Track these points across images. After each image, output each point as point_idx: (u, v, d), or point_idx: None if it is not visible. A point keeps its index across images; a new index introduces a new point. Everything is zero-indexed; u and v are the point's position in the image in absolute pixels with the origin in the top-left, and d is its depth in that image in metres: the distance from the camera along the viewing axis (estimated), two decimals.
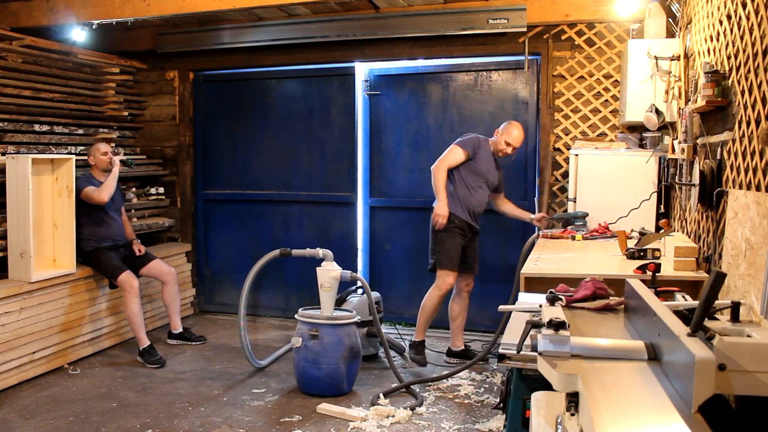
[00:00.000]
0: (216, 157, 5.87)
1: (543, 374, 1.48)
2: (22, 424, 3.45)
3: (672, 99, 3.90)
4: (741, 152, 2.57)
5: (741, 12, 2.64)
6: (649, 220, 4.14)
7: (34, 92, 4.74)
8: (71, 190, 4.39)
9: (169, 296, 4.83)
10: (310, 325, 3.85)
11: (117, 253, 4.62)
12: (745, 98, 2.53)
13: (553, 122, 4.89)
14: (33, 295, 4.11)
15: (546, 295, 2.05)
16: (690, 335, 1.33)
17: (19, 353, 3.99)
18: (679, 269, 3.03)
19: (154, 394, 3.90)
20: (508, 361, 2.08)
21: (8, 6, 4.97)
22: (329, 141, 5.54)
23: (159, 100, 5.88)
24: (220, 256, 5.92)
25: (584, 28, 4.75)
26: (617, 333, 1.83)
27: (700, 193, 3.12)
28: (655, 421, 1.19)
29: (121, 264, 4.53)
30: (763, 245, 2.18)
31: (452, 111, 5.22)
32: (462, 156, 4.25)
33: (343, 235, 5.53)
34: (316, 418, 3.56)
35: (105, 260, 4.52)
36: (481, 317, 5.07)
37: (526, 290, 2.94)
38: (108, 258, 4.53)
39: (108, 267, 4.51)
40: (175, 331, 4.89)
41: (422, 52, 5.16)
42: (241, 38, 5.37)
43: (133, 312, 4.44)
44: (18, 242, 4.12)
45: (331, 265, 4.05)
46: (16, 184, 4.12)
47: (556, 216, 4.61)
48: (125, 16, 4.73)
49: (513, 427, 2.23)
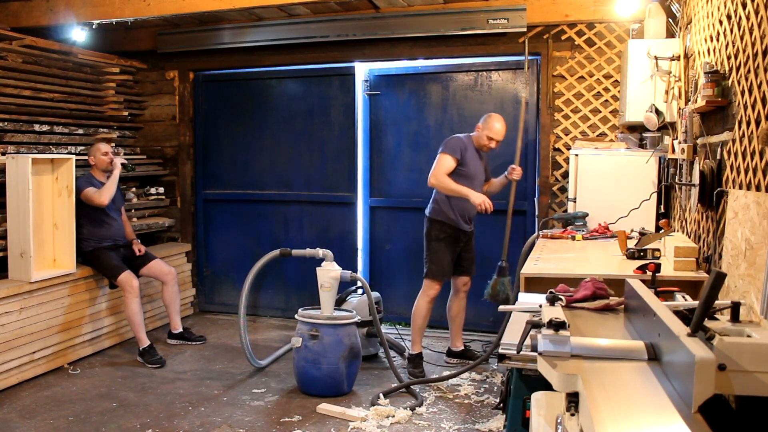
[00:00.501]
0: (216, 157, 5.87)
1: (543, 374, 1.48)
2: (22, 424, 3.45)
3: (672, 99, 3.90)
4: (741, 152, 2.57)
5: (741, 12, 2.64)
6: (649, 220, 4.14)
7: (34, 92, 4.73)
8: (71, 190, 4.39)
9: (169, 296, 4.83)
10: (310, 325, 3.85)
11: (117, 253, 4.62)
12: (745, 98, 2.53)
13: (553, 122, 4.89)
14: (33, 295, 4.11)
15: (546, 295, 2.05)
16: (690, 335, 1.33)
17: (19, 353, 4.00)
18: (679, 269, 3.03)
19: (154, 394, 3.90)
20: (508, 361, 2.08)
21: (8, 6, 4.97)
22: (329, 141, 5.54)
23: (159, 100, 5.88)
24: (220, 256, 5.92)
25: (584, 28, 4.75)
26: (617, 333, 1.83)
27: (700, 193, 3.12)
28: (655, 421, 1.19)
29: (121, 264, 4.53)
30: (763, 245, 2.18)
31: (452, 111, 5.22)
32: (453, 163, 4.16)
33: (343, 235, 5.53)
34: (316, 418, 3.56)
35: (105, 260, 4.52)
36: (481, 317, 5.07)
37: (526, 290, 2.94)
38: (108, 258, 4.53)
39: (108, 267, 4.51)
40: (175, 331, 4.89)
41: (422, 52, 5.16)
42: (241, 38, 5.37)
43: (133, 312, 4.44)
44: (18, 242, 4.12)
45: (331, 265, 4.05)
46: (16, 184, 4.12)
47: (556, 216, 4.61)
48: (125, 16, 4.73)
49: (513, 427, 2.23)
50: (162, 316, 5.26)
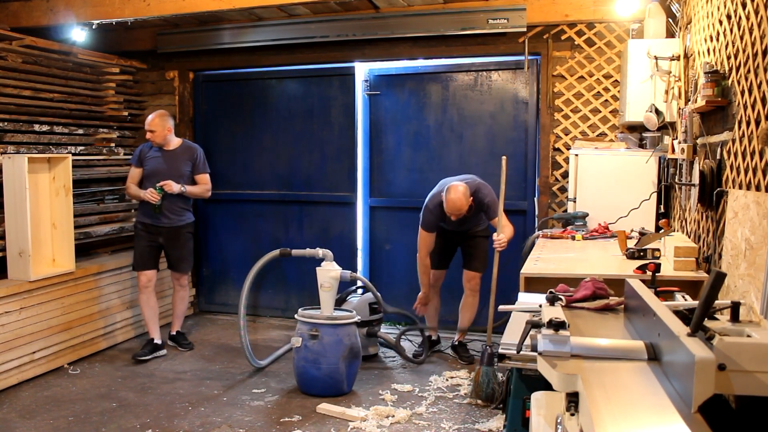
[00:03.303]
0: (216, 157, 5.85)
1: (543, 374, 1.48)
2: (22, 424, 3.45)
3: (672, 99, 3.91)
4: (741, 152, 2.57)
5: (741, 12, 2.64)
6: (649, 220, 4.14)
7: (34, 92, 4.73)
8: (68, 189, 4.39)
9: (177, 299, 4.85)
10: (310, 325, 3.85)
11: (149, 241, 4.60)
12: (745, 98, 2.53)
13: (553, 122, 4.89)
14: (32, 294, 4.11)
15: (546, 295, 2.05)
16: (690, 335, 1.33)
17: (19, 353, 3.99)
18: (679, 269, 3.03)
19: (154, 394, 3.90)
20: (508, 361, 2.09)
21: (8, 6, 4.97)
22: (329, 141, 5.54)
23: (159, 100, 5.88)
24: (220, 256, 5.92)
25: (584, 28, 4.75)
26: (617, 333, 1.83)
27: (700, 193, 3.12)
28: (655, 421, 1.19)
29: (146, 261, 4.58)
30: (763, 245, 2.18)
31: (452, 111, 5.22)
32: (432, 237, 4.34)
33: (343, 235, 5.53)
34: (316, 418, 3.56)
35: (136, 247, 4.64)
36: (481, 317, 5.06)
37: (526, 290, 2.95)
38: (139, 246, 4.62)
39: (135, 254, 4.63)
40: (171, 332, 4.88)
41: (422, 52, 5.16)
42: (241, 38, 5.37)
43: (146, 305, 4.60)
44: (16, 241, 4.12)
45: (331, 265, 4.05)
46: (13, 184, 4.12)
47: (556, 216, 4.62)
48: (125, 16, 4.73)
49: (513, 427, 2.23)
50: (166, 315, 5.24)
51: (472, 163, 5.13)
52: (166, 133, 4.59)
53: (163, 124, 4.56)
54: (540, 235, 4.22)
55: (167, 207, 4.52)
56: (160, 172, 4.53)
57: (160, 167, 4.55)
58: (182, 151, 4.64)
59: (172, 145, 4.65)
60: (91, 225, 4.95)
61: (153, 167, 4.56)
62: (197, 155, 4.66)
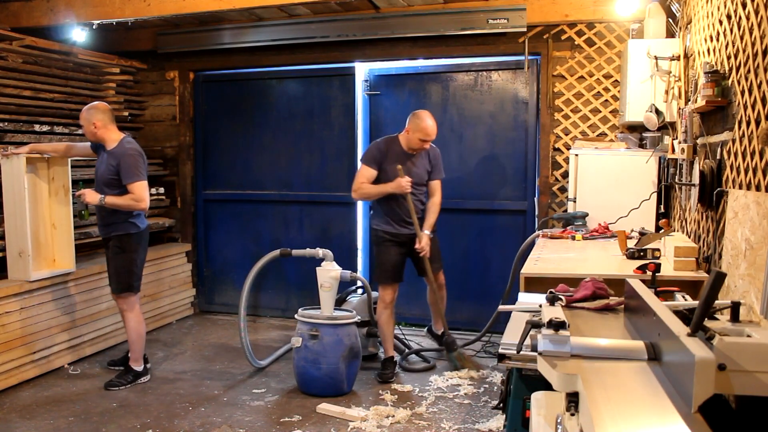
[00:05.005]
0: (216, 158, 5.87)
1: (543, 374, 1.48)
2: (22, 424, 3.45)
3: (672, 99, 3.91)
4: (741, 152, 2.57)
5: (741, 12, 2.64)
6: (649, 220, 4.14)
7: (34, 92, 4.73)
8: (67, 189, 4.39)
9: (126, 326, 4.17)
10: (310, 325, 3.85)
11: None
12: (745, 98, 2.53)
13: (553, 122, 4.89)
14: (33, 294, 4.11)
15: (546, 295, 2.05)
16: (690, 335, 1.33)
17: (19, 353, 3.99)
18: (679, 269, 3.03)
19: (154, 394, 3.90)
20: (508, 361, 2.08)
21: (8, 6, 4.98)
22: (329, 141, 5.54)
23: (159, 100, 5.88)
24: (220, 256, 5.92)
25: (584, 28, 4.75)
26: (617, 333, 1.83)
27: (700, 193, 3.12)
28: (655, 421, 1.19)
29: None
30: (763, 245, 2.18)
31: (452, 111, 5.22)
32: (373, 172, 4.06)
33: (343, 235, 5.53)
34: (316, 418, 3.56)
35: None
36: (482, 317, 5.06)
37: (526, 290, 2.94)
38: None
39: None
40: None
41: (422, 52, 5.16)
42: (241, 38, 5.38)
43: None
44: (16, 242, 4.12)
45: (331, 265, 4.05)
46: (12, 184, 4.12)
47: (556, 216, 4.62)
48: (125, 16, 4.73)
49: (513, 427, 2.23)
50: (157, 318, 5.24)
51: (472, 163, 5.14)
52: (94, 129, 3.85)
53: (89, 118, 3.85)
54: (540, 234, 4.22)
55: (99, 214, 3.98)
56: (96, 177, 3.98)
57: (97, 171, 3.98)
58: (111, 154, 3.90)
59: (110, 144, 3.92)
60: (91, 225, 4.94)
61: (95, 171, 4.01)
62: (121, 160, 3.82)
